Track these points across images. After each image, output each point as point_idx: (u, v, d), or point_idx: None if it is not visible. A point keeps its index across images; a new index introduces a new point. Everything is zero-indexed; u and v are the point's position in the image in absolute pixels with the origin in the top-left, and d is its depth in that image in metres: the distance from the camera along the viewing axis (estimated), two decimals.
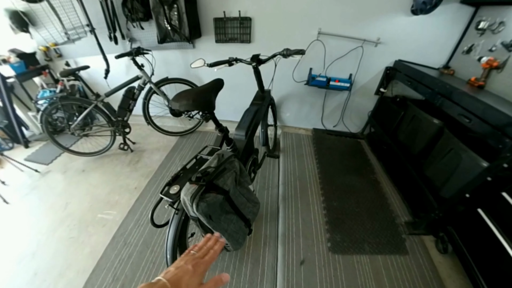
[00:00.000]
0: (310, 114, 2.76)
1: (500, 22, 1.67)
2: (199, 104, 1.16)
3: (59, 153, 2.61)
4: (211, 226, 1.06)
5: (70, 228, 1.87)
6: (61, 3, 2.10)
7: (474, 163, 1.41)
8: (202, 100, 1.17)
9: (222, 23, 2.18)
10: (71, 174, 2.39)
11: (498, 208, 1.29)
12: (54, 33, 2.25)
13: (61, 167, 2.47)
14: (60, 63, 2.74)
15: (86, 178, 2.33)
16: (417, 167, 1.88)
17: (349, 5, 2.00)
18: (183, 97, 1.15)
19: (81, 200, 2.10)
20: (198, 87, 1.29)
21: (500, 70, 1.66)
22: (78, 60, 2.71)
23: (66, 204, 2.08)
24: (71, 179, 2.32)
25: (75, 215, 1.97)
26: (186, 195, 0.96)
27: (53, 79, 2.80)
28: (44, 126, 2.22)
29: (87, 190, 2.20)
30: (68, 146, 2.54)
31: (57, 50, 2.64)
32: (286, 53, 1.54)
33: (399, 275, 1.48)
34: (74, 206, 2.05)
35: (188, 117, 1.28)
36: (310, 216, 1.82)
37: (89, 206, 2.04)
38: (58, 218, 1.94)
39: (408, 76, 2.04)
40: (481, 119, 1.38)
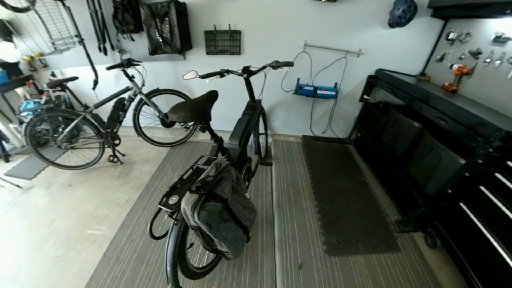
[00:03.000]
0: (299, 122, 2.86)
1: (467, 33, 1.88)
2: (197, 115, 1.19)
3: (43, 167, 2.49)
4: (212, 235, 1.06)
5: (56, 246, 1.76)
6: (49, 13, 2.08)
7: (453, 161, 1.53)
8: (200, 111, 1.21)
9: (212, 35, 2.26)
10: (56, 189, 2.28)
11: (478, 201, 1.40)
12: (40, 43, 2.19)
13: (45, 182, 2.35)
14: (45, 73, 2.67)
15: (72, 193, 2.22)
16: (401, 167, 1.99)
17: (332, 19, 2.16)
18: (181, 108, 1.18)
19: (67, 216, 1.99)
20: (194, 99, 1.32)
21: (470, 76, 1.85)
22: (64, 70, 2.66)
23: (51, 221, 1.96)
24: (56, 194, 2.21)
25: (61, 232, 1.86)
26: (186, 204, 0.96)
27: (37, 90, 2.71)
28: (28, 138, 2.12)
29: (73, 205, 2.10)
30: (53, 159, 2.43)
31: (43, 60, 2.58)
32: (275, 65, 1.64)
33: (394, 272, 1.54)
34: (60, 223, 1.94)
35: (185, 128, 1.30)
36: (305, 220, 1.86)
37: (76, 222, 1.94)
38: (43, 236, 1.83)
39: (388, 83, 2.20)
40: (455, 121, 1.51)
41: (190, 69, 1.64)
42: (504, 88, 1.63)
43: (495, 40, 1.67)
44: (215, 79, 1.66)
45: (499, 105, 1.66)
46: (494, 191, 1.32)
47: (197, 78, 1.62)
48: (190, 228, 1.09)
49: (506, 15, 1.48)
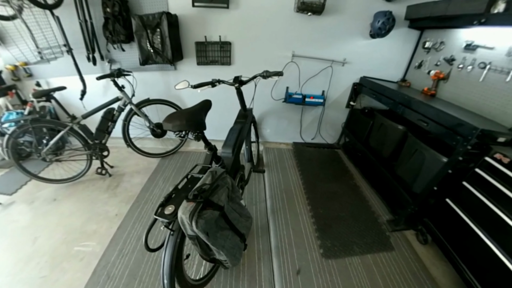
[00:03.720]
0: (289, 129, 2.93)
1: (441, 42, 2.07)
2: (192, 124, 1.21)
3: (25, 181, 2.36)
4: (210, 243, 1.05)
5: (40, 266, 1.64)
6: (37, 22, 2.05)
7: (436, 160, 1.62)
8: (195, 120, 1.23)
9: (203, 46, 2.31)
10: (39, 204, 2.15)
11: (462, 196, 1.49)
12: (26, 52, 2.13)
13: (27, 197, 2.22)
14: (29, 83, 2.58)
15: (57, 208, 2.11)
16: (389, 168, 2.08)
17: (318, 30, 2.29)
18: (176, 118, 1.20)
19: (52, 232, 1.88)
20: (189, 108, 1.33)
21: (446, 81, 2.01)
22: (50, 80, 2.59)
23: (34, 238, 1.84)
24: (39, 210, 2.08)
25: (46, 250, 1.74)
26: (184, 213, 0.95)
27: (20, 100, 2.61)
28: (10, 151, 2.02)
29: (59, 221, 1.98)
30: (37, 173, 2.32)
31: (27, 70, 2.50)
32: (265, 75, 1.70)
33: (390, 270, 1.58)
34: (44, 240, 1.82)
35: (179, 137, 1.30)
36: (300, 225, 1.87)
37: (62, 239, 1.83)
38: (25, 255, 1.70)
39: (372, 90, 2.32)
40: (436, 122, 1.63)
41: (181, 79, 1.66)
42: (477, 90, 1.78)
43: (466, 48, 1.84)
44: (206, 89, 1.68)
45: (473, 106, 1.81)
46: (476, 186, 1.41)
47: (189, 88, 1.64)
48: (188, 238, 1.07)
49: (473, 25, 1.65)
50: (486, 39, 1.73)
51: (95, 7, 2.11)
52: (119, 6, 1.98)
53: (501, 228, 1.24)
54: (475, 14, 1.59)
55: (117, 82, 2.12)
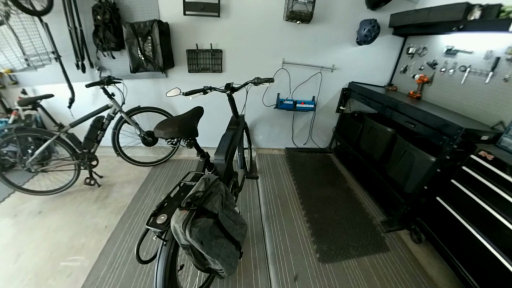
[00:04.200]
0: (281, 135, 2.96)
1: (423, 47, 2.18)
2: (185, 131, 1.20)
3: (8, 193, 2.23)
4: (205, 252, 1.01)
5: (24, 283, 1.54)
6: (25, 28, 2.01)
7: (425, 160, 1.67)
8: (187, 127, 1.22)
9: (194, 54, 2.32)
10: (23, 218, 2.03)
11: (451, 193, 1.53)
12: (12, 59, 2.08)
13: (10, 210, 2.09)
14: (14, 90, 2.50)
15: (43, 221, 2.00)
16: (381, 170, 2.12)
17: (307, 38, 2.37)
18: (169, 125, 1.18)
19: (37, 248, 1.77)
20: (181, 115, 1.32)
21: (430, 84, 2.10)
22: (37, 88, 2.52)
23: (17, 255, 1.72)
24: (23, 224, 1.97)
25: (30, 267, 1.64)
26: (177, 222, 0.92)
27: (4, 108, 2.51)
28: None
29: (45, 235, 1.88)
30: (21, 184, 2.21)
31: (13, 77, 2.43)
32: (257, 81, 1.73)
33: (386, 271, 1.58)
34: (29, 256, 1.72)
35: (171, 144, 1.29)
36: (295, 231, 1.86)
37: (48, 254, 1.73)
38: (8, 273, 1.59)
39: (361, 94, 2.39)
40: (423, 124, 1.69)
41: (172, 87, 1.65)
42: (459, 92, 1.87)
43: (447, 52, 1.95)
44: (198, 96, 1.68)
45: (457, 107, 1.89)
46: (464, 183, 1.46)
47: (180, 95, 1.63)
48: (181, 248, 1.03)
49: (453, 31, 1.75)
50: (465, 44, 1.83)
51: (85, 15, 2.10)
52: (110, 13, 1.98)
53: (491, 223, 1.28)
54: (454, 21, 1.69)
55: (107, 90, 2.08)
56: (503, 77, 1.59)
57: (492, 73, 1.65)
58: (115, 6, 2.05)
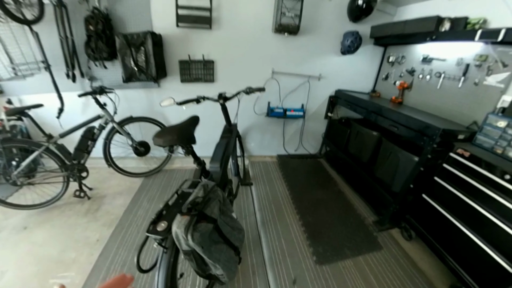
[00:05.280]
0: (273, 142, 3.03)
1: (402, 56, 2.36)
2: (183, 139, 1.25)
3: None
4: (206, 256, 1.03)
5: None
6: (15, 36, 1.99)
7: (409, 159, 1.78)
8: (185, 135, 1.27)
9: (187, 64, 2.38)
10: (7, 234, 1.92)
11: (435, 190, 1.63)
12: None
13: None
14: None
15: (28, 237, 1.89)
16: (369, 172, 2.22)
17: (294, 49, 2.50)
18: (168, 133, 1.23)
19: (23, 264, 1.67)
20: (178, 124, 1.36)
21: (410, 89, 2.27)
22: (23, 97, 2.45)
23: (1, 273, 1.63)
24: (7, 241, 1.86)
25: (16, 285, 1.55)
26: (179, 227, 0.93)
27: None
28: None
29: (31, 251, 1.77)
30: (4, 198, 2.10)
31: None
32: (248, 91, 1.80)
33: (381, 269, 1.63)
34: (14, 274, 1.61)
35: (169, 152, 1.32)
36: (291, 235, 1.89)
37: (35, 271, 1.64)
38: None
39: (347, 101, 2.53)
40: (405, 126, 1.81)
41: (164, 97, 1.68)
42: (436, 96, 2.03)
43: (423, 60, 2.12)
44: (191, 105, 1.72)
45: (435, 110, 2.05)
46: (446, 179, 1.56)
47: (174, 105, 1.66)
48: (182, 254, 1.04)
49: (427, 41, 1.92)
50: (439, 53, 2.01)
51: (76, 24, 2.11)
52: (103, 24, 2.01)
53: (472, 215, 1.38)
54: (427, 32, 1.86)
55: (98, 100, 2.08)
56: (474, 81, 1.76)
57: (463, 78, 1.81)
58: (108, 16, 2.08)
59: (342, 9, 2.36)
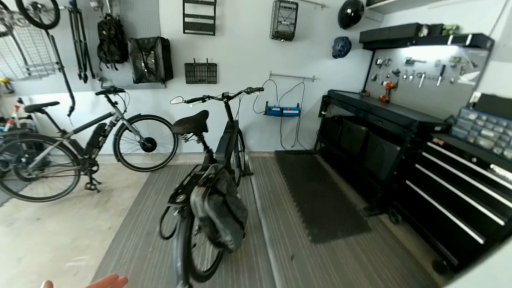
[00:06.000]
0: (271, 139, 3.23)
1: (388, 59, 2.61)
2: (199, 127, 1.49)
3: (1, 202, 2.21)
4: (219, 221, 1.21)
5: (28, 286, 1.54)
6: (33, 39, 2.14)
7: (392, 149, 1.99)
8: (200, 124, 1.52)
9: (192, 67, 2.57)
10: (20, 225, 2.02)
11: (417, 176, 1.83)
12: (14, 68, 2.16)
13: (4, 218, 2.07)
14: (9, 99, 2.54)
15: (42, 227, 2.00)
16: (359, 164, 2.43)
17: (290, 53, 2.73)
18: (185, 122, 1.48)
19: (39, 251, 1.78)
20: (193, 116, 1.59)
21: (396, 89, 2.50)
22: (33, 97, 2.58)
23: (17, 259, 1.71)
24: (21, 231, 1.96)
25: (34, 269, 1.65)
26: (197, 195, 1.13)
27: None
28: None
29: (46, 239, 1.88)
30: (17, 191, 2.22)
31: (9, 86, 2.48)
32: (249, 90, 1.99)
33: (371, 247, 1.82)
34: (30, 260, 1.71)
35: (184, 139, 1.57)
36: (289, 219, 2.07)
37: (51, 257, 1.75)
38: (9, 277, 1.59)
39: (339, 100, 2.75)
40: (388, 121, 2.03)
41: (170, 97, 1.84)
42: (418, 94, 2.27)
43: (407, 63, 2.37)
44: (197, 104, 1.88)
45: (418, 106, 2.28)
46: (425, 166, 1.77)
47: (183, 103, 1.82)
48: (198, 221, 1.22)
49: (409, 45, 2.15)
50: (420, 55, 2.26)
51: (89, 29, 2.29)
52: (115, 29, 2.19)
53: (448, 196, 1.58)
54: (409, 37, 2.10)
55: (110, 98, 2.24)
56: (450, 80, 1.99)
57: (441, 78, 2.05)
58: (120, 22, 2.26)
59: (333, 17, 2.61)
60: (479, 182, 1.43)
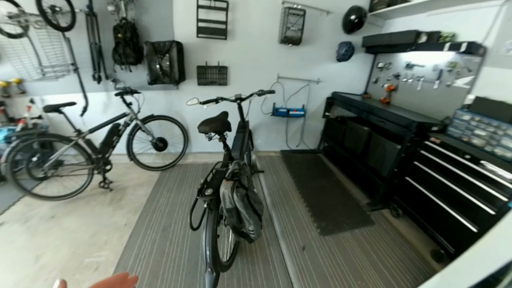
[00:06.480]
0: (277, 139, 3.36)
1: (389, 62, 2.76)
2: (225, 126, 1.61)
3: (12, 201, 2.24)
4: (245, 212, 1.32)
5: (49, 282, 1.56)
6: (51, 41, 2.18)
7: (393, 148, 2.13)
8: (226, 124, 1.64)
9: (203, 69, 2.67)
10: (35, 222, 2.05)
11: (416, 173, 1.98)
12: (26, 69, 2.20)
13: (19, 216, 2.10)
14: (21, 100, 2.57)
15: (58, 224, 2.04)
16: (362, 162, 2.56)
17: (297, 57, 2.87)
18: (211, 122, 1.59)
19: (57, 248, 1.81)
20: (216, 116, 1.72)
21: (396, 91, 2.65)
22: (45, 97, 2.63)
23: (36, 256, 1.73)
24: (37, 228, 1.99)
25: (53, 265, 1.68)
26: (226, 188, 1.24)
27: (6, 117, 2.56)
28: (8, 166, 1.97)
29: (63, 236, 1.92)
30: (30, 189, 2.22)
31: (21, 86, 2.52)
32: (260, 93, 2.08)
33: (374, 239, 1.96)
34: (49, 256, 1.74)
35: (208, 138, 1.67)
36: (298, 214, 2.19)
37: (70, 253, 1.78)
38: (29, 274, 1.61)
39: (342, 101, 2.89)
40: (389, 121, 2.17)
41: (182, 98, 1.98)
42: (417, 96, 2.43)
43: (406, 66, 2.53)
44: (211, 105, 1.97)
45: (417, 108, 2.43)
46: (423, 163, 1.91)
47: (198, 104, 1.91)
48: (225, 212, 1.32)
49: (409, 50, 2.31)
50: (419, 60, 2.41)
51: (104, 32, 2.36)
52: (131, 32, 2.26)
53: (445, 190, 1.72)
54: (409, 43, 2.25)
55: (125, 99, 2.31)
56: (446, 84, 2.15)
57: (438, 81, 2.20)
58: (134, 26, 2.34)
59: (337, 23, 2.75)
60: (471, 176, 1.57)
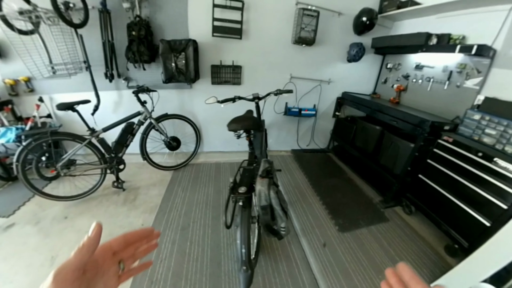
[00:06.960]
0: (287, 138, 3.41)
1: (398, 63, 2.82)
2: (255, 125, 1.63)
3: (22, 201, 2.19)
4: (279, 208, 1.32)
5: None
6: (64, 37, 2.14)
7: (406, 147, 2.19)
8: (256, 122, 1.67)
9: (218, 69, 2.67)
10: (48, 223, 2.00)
11: (429, 170, 2.04)
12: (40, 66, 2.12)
13: (30, 217, 2.05)
14: (29, 98, 2.52)
15: (72, 225, 2.00)
16: (374, 160, 2.62)
17: (309, 58, 2.91)
18: (242, 121, 1.63)
19: (72, 249, 1.81)
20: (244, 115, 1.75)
21: (405, 91, 2.72)
22: (54, 96, 2.57)
23: (51, 258, 1.70)
24: (50, 229, 1.94)
25: None
26: (262, 185, 1.26)
27: (14, 116, 2.50)
28: (20, 166, 1.93)
29: (78, 237, 1.86)
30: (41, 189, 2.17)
31: (29, 85, 2.46)
32: (278, 92, 2.08)
33: (390, 235, 2.02)
34: (66, 258, 1.75)
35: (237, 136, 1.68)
36: (315, 212, 2.24)
37: None
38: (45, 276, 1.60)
39: (352, 101, 2.95)
40: (403, 121, 2.23)
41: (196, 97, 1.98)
42: (427, 96, 2.50)
43: (416, 67, 2.59)
44: (229, 104, 1.95)
45: (427, 107, 2.50)
46: (436, 161, 1.98)
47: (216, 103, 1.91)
48: (259, 209, 1.32)
49: (419, 52, 2.37)
50: (429, 61, 2.47)
51: (117, 30, 2.33)
52: (145, 30, 2.24)
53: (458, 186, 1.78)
54: (419, 45, 2.31)
55: (139, 98, 2.27)
56: (456, 85, 2.22)
57: (448, 82, 2.28)
58: (148, 24, 2.31)
59: (349, 24, 2.80)
60: (484, 173, 1.63)
